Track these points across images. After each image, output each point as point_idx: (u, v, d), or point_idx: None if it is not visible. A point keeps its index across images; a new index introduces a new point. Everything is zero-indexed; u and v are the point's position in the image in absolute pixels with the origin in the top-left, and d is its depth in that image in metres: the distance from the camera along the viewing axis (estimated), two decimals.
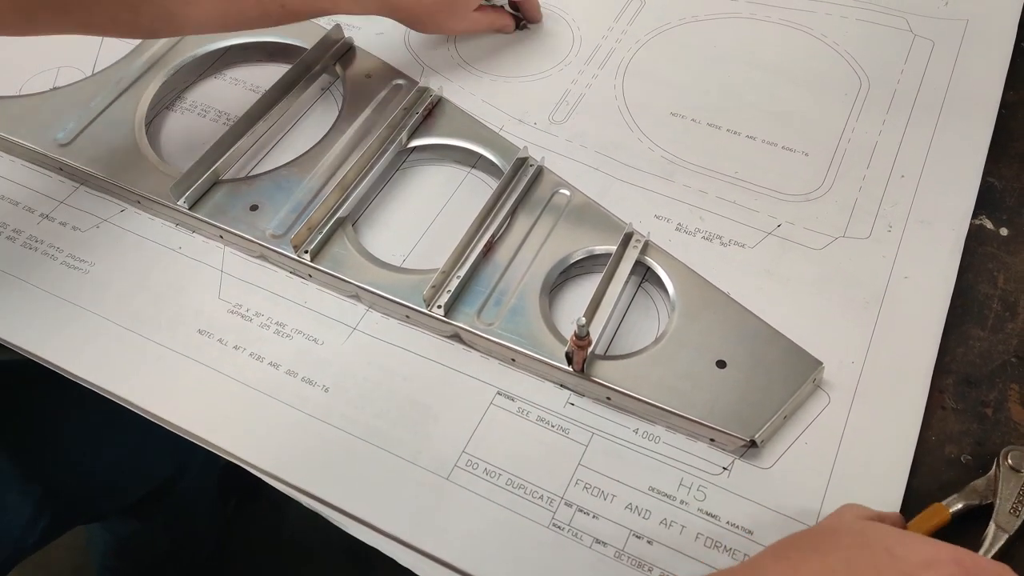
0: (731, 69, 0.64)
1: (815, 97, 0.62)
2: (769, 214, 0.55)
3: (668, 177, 0.58)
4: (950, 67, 0.63)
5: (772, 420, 0.45)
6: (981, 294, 0.52)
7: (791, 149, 0.59)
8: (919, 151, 0.58)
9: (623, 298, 0.51)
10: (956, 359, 0.49)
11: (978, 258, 0.53)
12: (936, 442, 0.46)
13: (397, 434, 0.47)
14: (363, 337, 0.51)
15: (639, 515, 0.44)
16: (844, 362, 0.48)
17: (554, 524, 0.44)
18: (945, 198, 0.55)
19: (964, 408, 0.47)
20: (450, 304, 0.50)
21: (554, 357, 0.48)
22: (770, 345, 0.48)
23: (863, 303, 0.51)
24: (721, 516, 0.44)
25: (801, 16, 0.67)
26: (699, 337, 0.48)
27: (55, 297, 0.53)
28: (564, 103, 0.63)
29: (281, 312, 0.52)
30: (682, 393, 0.46)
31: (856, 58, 0.64)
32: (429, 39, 0.67)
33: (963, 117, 0.60)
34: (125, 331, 0.51)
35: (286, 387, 0.49)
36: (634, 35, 0.67)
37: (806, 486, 0.44)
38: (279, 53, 0.66)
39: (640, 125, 0.61)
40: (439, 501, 0.45)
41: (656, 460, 0.46)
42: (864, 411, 0.47)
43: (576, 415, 0.47)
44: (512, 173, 0.55)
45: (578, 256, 0.53)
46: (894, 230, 0.54)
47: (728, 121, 0.61)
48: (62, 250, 0.55)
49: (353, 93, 0.61)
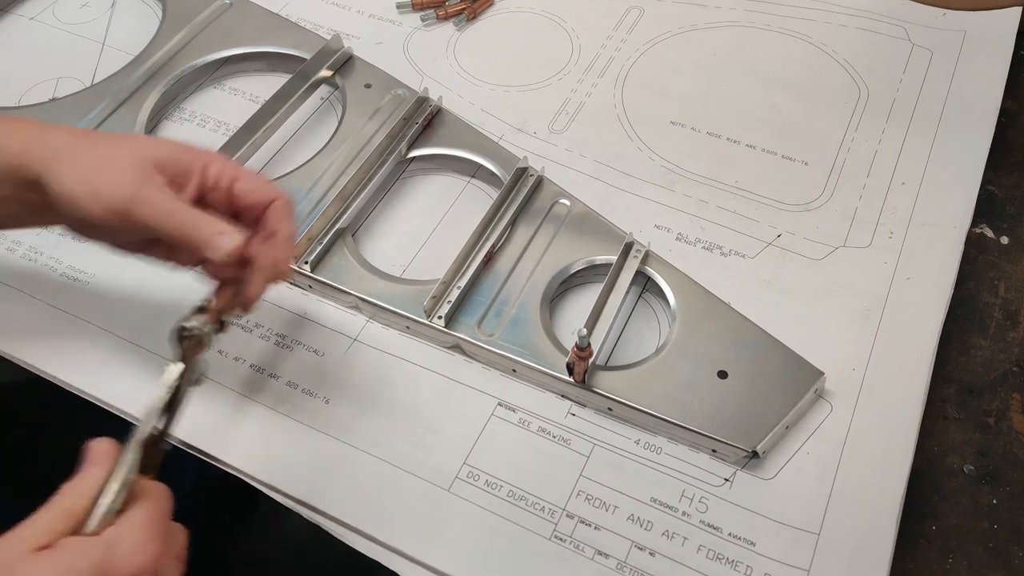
0: (731, 78, 0.64)
1: (815, 106, 0.62)
2: (769, 224, 0.55)
3: (668, 187, 0.58)
4: (949, 77, 0.63)
5: (774, 431, 0.45)
6: (982, 303, 0.52)
7: (791, 158, 0.59)
8: (919, 159, 0.58)
9: (624, 308, 0.51)
10: (958, 368, 0.49)
11: (979, 267, 0.53)
12: (938, 452, 0.46)
13: (398, 446, 0.47)
14: (364, 348, 0.51)
15: (641, 527, 0.44)
16: (845, 371, 0.48)
17: (556, 536, 0.44)
18: (946, 205, 0.55)
19: (966, 418, 0.47)
20: (451, 315, 0.50)
21: (555, 368, 0.48)
22: (771, 355, 0.48)
23: (864, 312, 0.51)
24: (723, 528, 0.44)
25: (800, 25, 0.68)
26: (700, 347, 0.48)
27: (55, 309, 0.53)
28: (564, 112, 0.63)
29: (281, 323, 0.52)
30: (683, 404, 0.46)
31: (855, 67, 0.64)
32: (429, 48, 0.67)
33: (962, 126, 0.60)
34: (125, 343, 0.51)
35: (287, 399, 0.49)
36: (633, 44, 0.67)
37: (809, 496, 0.44)
38: (279, 63, 0.66)
39: (640, 134, 0.61)
40: (440, 513, 0.44)
41: (658, 471, 0.46)
42: (866, 419, 0.47)
43: (577, 426, 0.47)
44: (512, 183, 0.55)
45: (578, 266, 0.52)
46: (895, 237, 0.54)
47: (728, 130, 0.61)
48: (62, 261, 0.55)
49: (353, 103, 0.61)
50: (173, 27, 0.66)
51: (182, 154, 0.41)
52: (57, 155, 0.40)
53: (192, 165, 0.41)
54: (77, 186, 0.40)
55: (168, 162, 0.41)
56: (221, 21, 0.67)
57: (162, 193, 0.40)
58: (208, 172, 0.41)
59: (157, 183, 0.40)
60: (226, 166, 0.42)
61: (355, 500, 0.45)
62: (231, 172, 0.42)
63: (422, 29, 0.69)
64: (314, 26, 0.69)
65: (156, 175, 0.40)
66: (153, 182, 0.40)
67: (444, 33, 0.69)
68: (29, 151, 0.41)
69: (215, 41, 0.66)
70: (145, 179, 0.40)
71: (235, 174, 0.42)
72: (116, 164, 0.40)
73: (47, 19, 0.71)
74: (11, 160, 0.41)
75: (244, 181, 0.42)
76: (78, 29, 0.70)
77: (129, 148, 0.41)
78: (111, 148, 0.41)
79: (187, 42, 0.65)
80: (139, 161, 0.40)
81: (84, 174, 0.40)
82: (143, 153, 0.40)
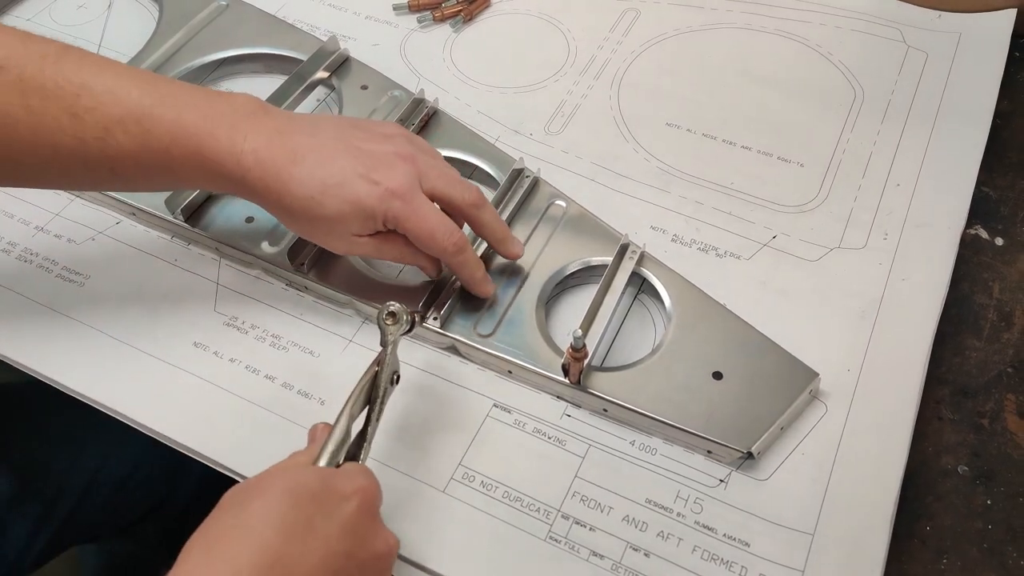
0: (726, 80, 0.65)
1: (810, 108, 0.62)
2: (765, 225, 0.55)
3: (664, 188, 0.58)
4: (944, 78, 0.63)
5: (769, 431, 0.45)
6: (976, 304, 0.52)
7: (786, 160, 0.59)
8: (914, 160, 0.58)
9: (619, 309, 0.51)
10: (952, 369, 0.49)
11: (973, 268, 0.53)
12: (932, 453, 0.46)
13: (393, 447, 0.47)
14: (359, 349, 0.51)
15: (636, 527, 0.44)
16: (840, 371, 0.48)
17: (551, 537, 0.44)
18: (940, 206, 0.56)
19: (960, 419, 0.48)
20: (446, 316, 0.50)
21: (551, 369, 0.48)
22: (766, 356, 0.48)
23: (859, 312, 0.51)
24: (718, 528, 0.44)
25: (796, 27, 0.68)
26: (695, 349, 0.48)
27: (50, 310, 0.53)
28: (560, 114, 0.63)
29: (277, 325, 0.52)
30: (679, 405, 0.46)
31: (851, 69, 0.65)
32: (426, 50, 0.68)
33: (957, 127, 0.60)
34: (120, 344, 0.51)
35: (281, 400, 0.49)
36: (629, 46, 0.67)
37: (803, 497, 0.44)
38: (275, 65, 0.66)
39: (636, 136, 0.61)
40: (436, 514, 0.44)
41: (653, 472, 0.46)
42: (861, 420, 0.47)
43: (573, 427, 0.47)
44: (508, 184, 0.55)
45: (574, 267, 0.53)
46: (890, 238, 0.54)
47: (724, 132, 0.61)
48: (57, 263, 0.55)
49: (349, 104, 0.61)
50: (170, 29, 0.66)
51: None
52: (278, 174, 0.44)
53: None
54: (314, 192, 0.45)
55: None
56: (218, 23, 0.67)
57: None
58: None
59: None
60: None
61: None
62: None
63: (418, 31, 0.69)
64: (310, 28, 0.69)
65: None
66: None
67: (441, 35, 0.69)
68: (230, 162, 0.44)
69: (212, 43, 0.66)
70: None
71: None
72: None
73: (44, 21, 0.71)
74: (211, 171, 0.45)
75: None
76: (75, 31, 0.70)
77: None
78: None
79: (184, 43, 0.65)
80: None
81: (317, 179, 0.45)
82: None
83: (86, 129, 0.43)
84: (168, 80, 0.46)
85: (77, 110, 0.43)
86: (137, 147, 0.43)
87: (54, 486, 0.64)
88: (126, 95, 0.43)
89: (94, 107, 0.43)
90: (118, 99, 0.43)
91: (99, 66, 0.44)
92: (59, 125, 0.42)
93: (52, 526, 0.63)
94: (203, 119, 0.44)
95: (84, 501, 0.65)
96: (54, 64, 0.43)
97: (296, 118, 0.47)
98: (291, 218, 0.46)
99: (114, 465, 0.66)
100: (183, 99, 0.44)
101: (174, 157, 0.44)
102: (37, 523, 0.62)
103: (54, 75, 0.43)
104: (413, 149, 0.47)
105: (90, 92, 0.43)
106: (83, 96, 0.43)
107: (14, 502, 0.61)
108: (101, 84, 0.43)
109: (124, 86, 0.43)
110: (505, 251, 0.51)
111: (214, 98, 0.45)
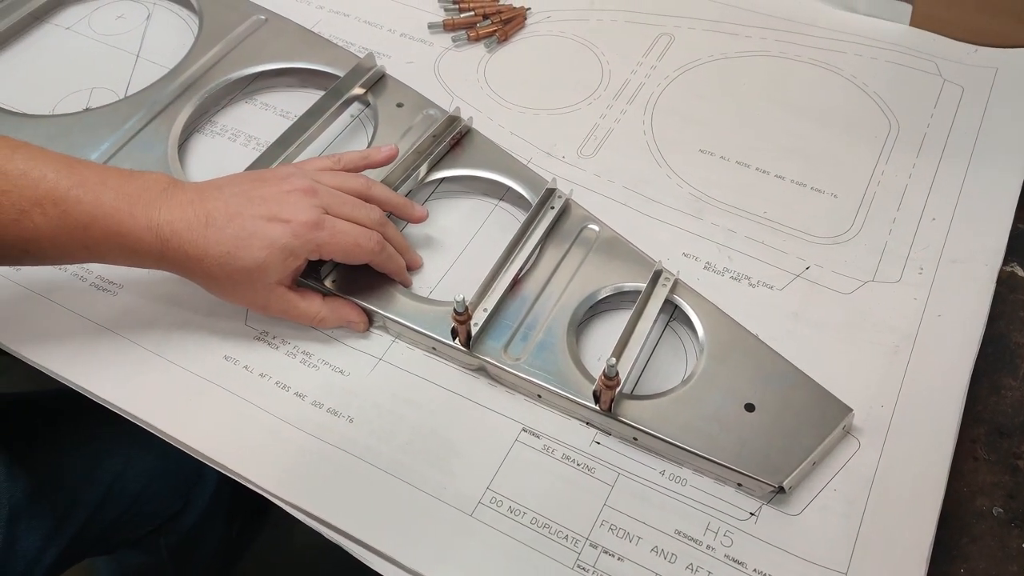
0: (760, 107, 0.64)
1: (844, 138, 0.62)
2: (798, 256, 0.55)
3: (696, 215, 0.58)
4: (980, 112, 0.63)
5: (801, 466, 0.45)
6: (1013, 343, 0.51)
7: (820, 190, 0.59)
8: (950, 195, 0.58)
9: (651, 337, 0.51)
10: (988, 408, 0.49)
11: (1010, 306, 0.53)
12: (968, 493, 0.46)
13: (421, 468, 0.46)
14: (389, 368, 0.51)
15: (665, 559, 0.43)
16: (874, 407, 0.48)
17: (579, 565, 0.43)
18: (977, 242, 0.55)
19: (996, 459, 0.47)
20: (477, 337, 0.50)
21: (581, 395, 0.47)
22: (799, 390, 0.48)
23: (893, 347, 0.50)
24: (748, 563, 0.43)
25: (831, 56, 0.68)
26: (728, 379, 0.48)
27: (83, 319, 0.53)
28: (593, 137, 0.63)
29: (307, 341, 0.52)
30: (710, 436, 0.46)
31: (886, 100, 0.64)
32: (460, 69, 0.68)
33: (994, 162, 0.60)
34: (151, 355, 0.51)
35: (311, 417, 0.49)
36: (663, 71, 0.68)
37: (835, 533, 0.44)
38: (310, 79, 0.67)
39: (669, 161, 0.61)
40: (462, 538, 0.44)
41: (683, 503, 0.45)
42: (896, 457, 0.46)
43: (602, 454, 0.47)
44: (540, 206, 0.55)
45: (606, 292, 0.52)
46: (925, 273, 0.54)
47: (757, 160, 0.61)
48: (91, 272, 0.56)
49: (384, 122, 0.62)
50: (209, 41, 0.67)
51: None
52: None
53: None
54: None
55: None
56: (256, 36, 0.68)
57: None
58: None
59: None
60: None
61: (377, 521, 0.45)
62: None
63: (453, 50, 0.70)
64: (346, 43, 0.69)
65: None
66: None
67: (475, 54, 0.69)
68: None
69: (249, 56, 0.66)
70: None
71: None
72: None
73: (82, 29, 0.72)
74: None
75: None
76: (113, 40, 0.71)
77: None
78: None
79: (222, 56, 0.66)
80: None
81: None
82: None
83: (1, 211, 0.44)
84: (81, 161, 0.48)
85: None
86: (54, 228, 0.45)
87: (69, 497, 0.64)
88: (41, 177, 0.45)
89: (8, 190, 0.44)
90: (33, 181, 0.45)
91: (11, 148, 0.46)
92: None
93: (65, 538, 0.63)
94: (121, 198, 0.46)
95: (98, 514, 0.65)
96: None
97: (204, 186, 0.49)
98: (214, 281, 0.48)
99: (129, 479, 0.67)
100: (99, 180, 0.46)
101: (92, 236, 0.46)
102: (49, 534, 0.62)
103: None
104: (309, 181, 0.50)
105: (4, 176, 0.44)
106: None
107: (28, 512, 0.61)
108: (14, 167, 0.45)
109: (39, 168, 0.45)
110: (409, 216, 0.55)
111: (127, 178, 0.47)
